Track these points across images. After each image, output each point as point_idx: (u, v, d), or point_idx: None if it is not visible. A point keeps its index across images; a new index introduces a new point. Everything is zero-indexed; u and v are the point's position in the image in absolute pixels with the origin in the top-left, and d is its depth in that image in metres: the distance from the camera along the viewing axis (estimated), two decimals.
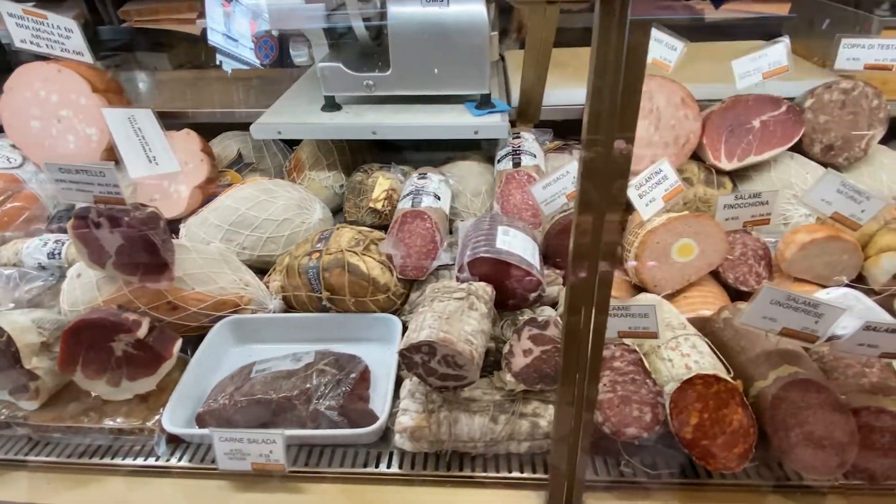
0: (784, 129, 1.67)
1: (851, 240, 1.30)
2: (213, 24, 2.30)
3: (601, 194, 0.72)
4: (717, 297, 1.33)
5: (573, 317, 0.81)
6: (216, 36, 2.35)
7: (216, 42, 2.36)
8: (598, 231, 0.74)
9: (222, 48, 2.38)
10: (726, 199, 1.39)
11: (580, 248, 0.76)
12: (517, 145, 1.76)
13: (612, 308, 1.00)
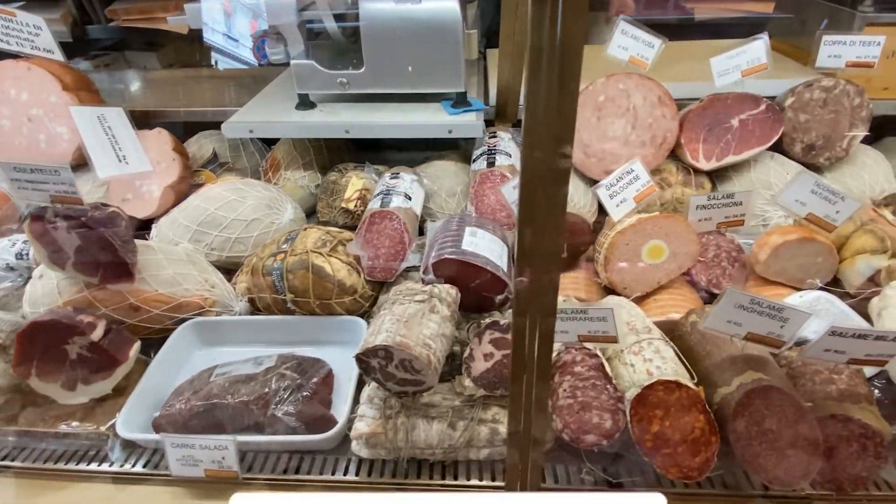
0: (763, 128, 1.63)
1: (826, 242, 1.27)
2: (213, 24, 2.28)
3: (541, 200, 0.69)
4: (687, 300, 1.30)
5: (519, 320, 0.78)
6: (216, 36, 2.33)
7: (216, 42, 2.34)
8: (539, 236, 0.71)
9: (222, 48, 2.35)
10: (699, 199, 1.36)
11: (523, 252, 0.73)
12: (493, 145, 1.73)
13: (572, 311, 0.98)
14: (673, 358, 1.05)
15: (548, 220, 0.70)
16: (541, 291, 0.74)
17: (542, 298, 0.75)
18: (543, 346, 0.79)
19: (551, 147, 0.66)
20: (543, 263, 0.73)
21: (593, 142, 1.68)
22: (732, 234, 1.45)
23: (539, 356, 0.80)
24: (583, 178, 1.73)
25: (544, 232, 0.72)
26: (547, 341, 0.78)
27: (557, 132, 0.65)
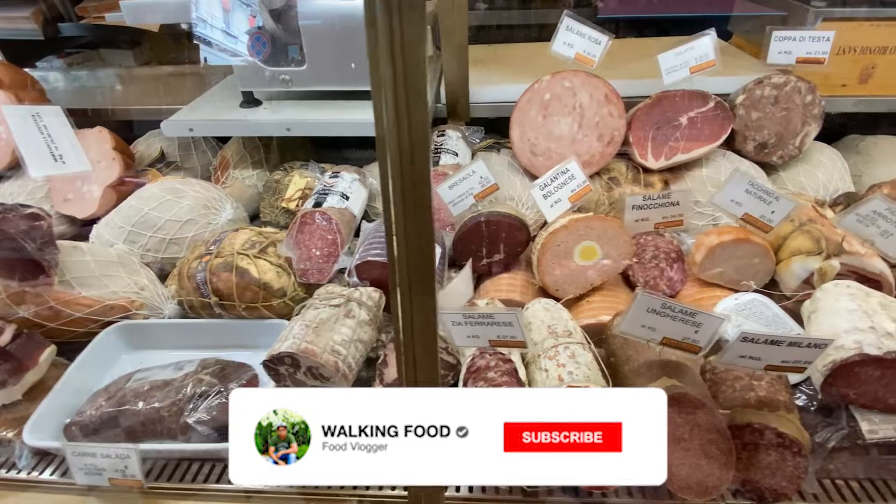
0: (712, 126, 1.60)
1: (761, 243, 1.23)
2: (211, 20, 2.23)
3: (403, 207, 0.65)
4: (621, 302, 1.27)
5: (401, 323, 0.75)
6: (214, 32, 2.28)
7: (214, 38, 2.29)
8: (411, 240, 0.68)
9: (221, 44, 2.30)
10: (634, 199, 1.33)
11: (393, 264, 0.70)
12: (439, 143, 1.70)
13: (479, 316, 0.94)
14: (589, 363, 1.01)
15: (411, 224, 0.66)
16: (414, 297, 0.71)
17: (413, 305, 0.71)
18: (422, 351, 0.75)
19: (406, 149, 0.62)
20: (416, 269, 0.70)
21: (540, 140, 1.64)
22: (673, 235, 1.42)
23: (417, 362, 0.76)
24: (532, 177, 1.69)
25: (415, 236, 0.68)
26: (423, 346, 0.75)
27: (410, 139, 0.61)
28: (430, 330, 0.74)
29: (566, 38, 1.58)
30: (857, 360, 0.90)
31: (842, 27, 1.67)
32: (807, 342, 0.88)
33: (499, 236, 1.38)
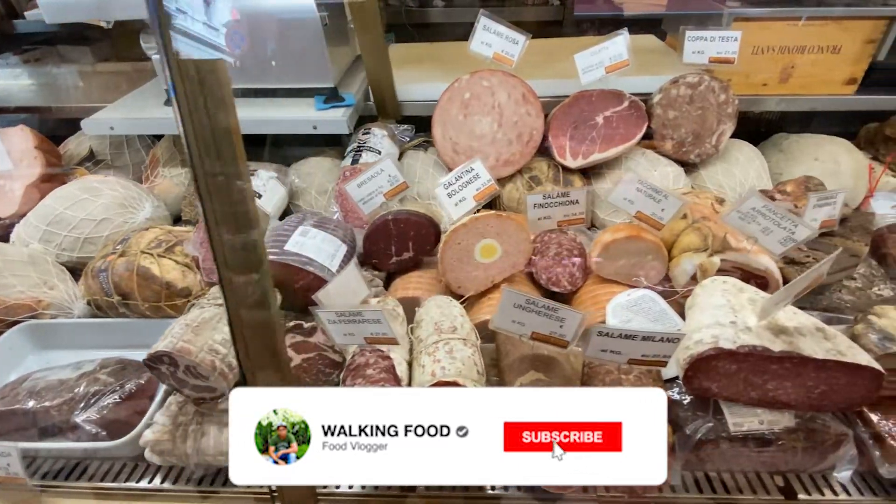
0: (627, 125, 1.62)
1: (653, 240, 1.26)
2: (191, 13, 2.21)
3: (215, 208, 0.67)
4: None
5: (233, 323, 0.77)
6: (196, 25, 2.25)
7: (195, 31, 2.26)
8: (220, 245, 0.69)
9: (203, 38, 2.27)
10: (535, 198, 1.35)
11: (216, 264, 0.71)
12: (363, 141, 1.71)
13: (350, 314, 0.96)
14: (466, 359, 1.03)
15: (223, 229, 0.68)
16: (239, 282, 0.72)
17: (243, 290, 0.72)
18: (261, 348, 0.77)
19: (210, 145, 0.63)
20: (235, 261, 0.71)
21: (461, 139, 1.66)
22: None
23: (252, 352, 0.77)
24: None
25: (221, 238, 0.69)
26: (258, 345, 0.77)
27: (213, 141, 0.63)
28: (257, 318, 0.75)
29: (483, 37, 1.59)
30: (713, 355, 0.93)
31: (755, 27, 1.70)
32: (659, 337, 0.91)
33: (407, 234, 1.39)
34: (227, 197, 0.66)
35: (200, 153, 0.62)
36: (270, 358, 0.78)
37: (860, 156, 1.78)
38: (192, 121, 0.60)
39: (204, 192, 0.65)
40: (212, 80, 0.60)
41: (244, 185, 0.65)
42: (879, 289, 1.42)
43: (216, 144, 0.63)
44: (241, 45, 1.58)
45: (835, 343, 0.95)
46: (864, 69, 1.78)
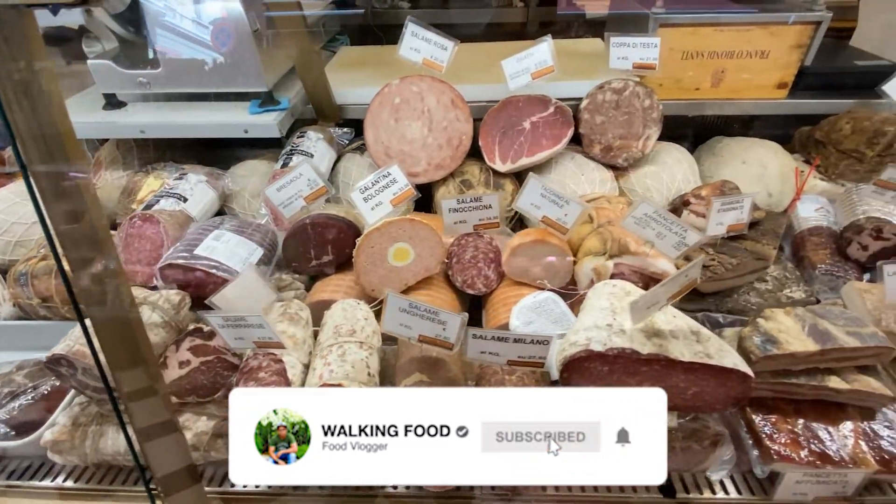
0: (553, 129, 1.65)
1: (558, 243, 1.29)
2: (180, 9, 2.21)
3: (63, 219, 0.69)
4: (442, 302, 1.32)
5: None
6: (184, 22, 2.25)
7: (184, 28, 2.26)
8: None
9: (191, 35, 2.26)
10: (450, 202, 1.37)
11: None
12: (296, 144, 1.73)
13: (234, 318, 0.98)
14: (358, 362, 1.06)
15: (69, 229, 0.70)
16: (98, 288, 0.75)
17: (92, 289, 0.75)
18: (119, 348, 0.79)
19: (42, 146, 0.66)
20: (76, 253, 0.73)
21: (393, 143, 1.68)
22: None
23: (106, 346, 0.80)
24: None
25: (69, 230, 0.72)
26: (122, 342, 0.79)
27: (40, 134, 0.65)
28: (111, 316, 0.78)
29: (412, 43, 1.62)
30: (584, 356, 0.96)
31: (684, 32, 1.73)
32: (529, 339, 0.94)
33: (326, 238, 1.42)
34: (59, 192, 0.68)
35: (27, 150, 0.65)
36: (131, 358, 0.80)
37: (788, 159, 1.81)
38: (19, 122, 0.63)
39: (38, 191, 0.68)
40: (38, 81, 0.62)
41: (77, 181, 0.68)
42: (791, 291, 1.45)
43: (46, 143, 0.65)
44: (227, 43, 1.60)
45: (705, 346, 0.98)
46: (793, 74, 1.82)
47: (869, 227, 1.46)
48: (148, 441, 0.93)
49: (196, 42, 1.63)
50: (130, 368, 0.80)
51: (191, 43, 1.63)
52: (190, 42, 1.62)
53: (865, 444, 1.02)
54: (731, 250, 1.39)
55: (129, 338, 0.78)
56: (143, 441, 0.92)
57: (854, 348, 1.06)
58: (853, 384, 1.05)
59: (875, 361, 1.10)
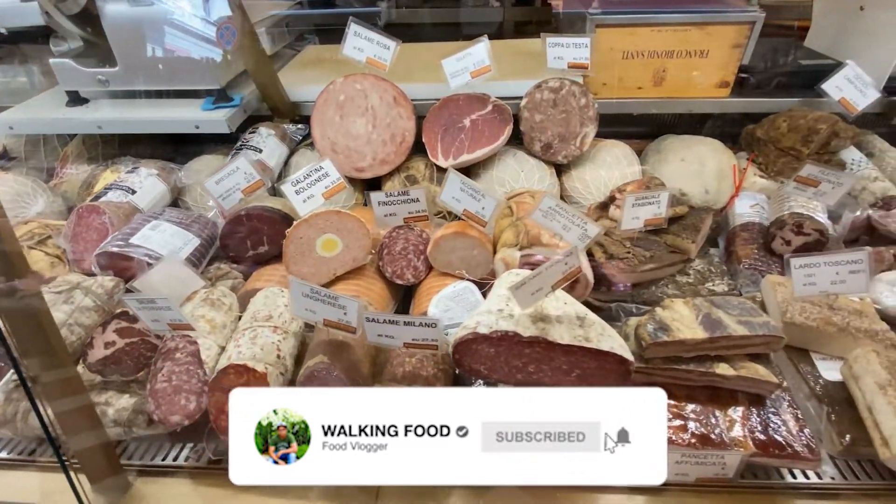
0: (491, 127, 1.70)
1: (477, 236, 1.34)
2: (191, 9, 2.29)
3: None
4: (371, 292, 1.38)
5: None
6: (194, 21, 2.34)
7: (192, 26, 2.35)
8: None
9: (200, 33, 2.34)
10: (378, 196, 1.43)
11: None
12: (246, 140, 1.80)
13: (147, 301, 1.05)
14: (268, 345, 1.12)
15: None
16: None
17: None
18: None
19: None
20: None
21: (339, 139, 1.75)
22: None
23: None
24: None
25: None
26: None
27: None
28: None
29: (355, 42, 1.68)
30: (471, 339, 1.01)
31: (623, 32, 1.78)
32: (418, 322, 1.00)
33: (261, 229, 1.48)
34: None
35: None
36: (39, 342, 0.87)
37: (727, 157, 1.85)
38: None
39: None
40: None
41: None
42: (714, 284, 1.49)
43: None
44: (231, 40, 1.67)
45: (587, 331, 1.03)
46: (734, 73, 1.86)
47: (791, 223, 1.50)
48: (63, 417, 1.00)
49: (151, 42, 1.70)
50: (39, 352, 0.87)
51: (146, 43, 1.70)
52: (145, 42, 1.70)
53: (747, 429, 1.07)
54: (649, 244, 1.43)
55: (34, 323, 0.85)
56: (58, 417, 0.99)
57: (742, 336, 1.11)
58: (740, 371, 1.10)
59: (766, 350, 1.14)
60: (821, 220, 1.51)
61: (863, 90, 1.77)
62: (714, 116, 2.11)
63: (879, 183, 1.70)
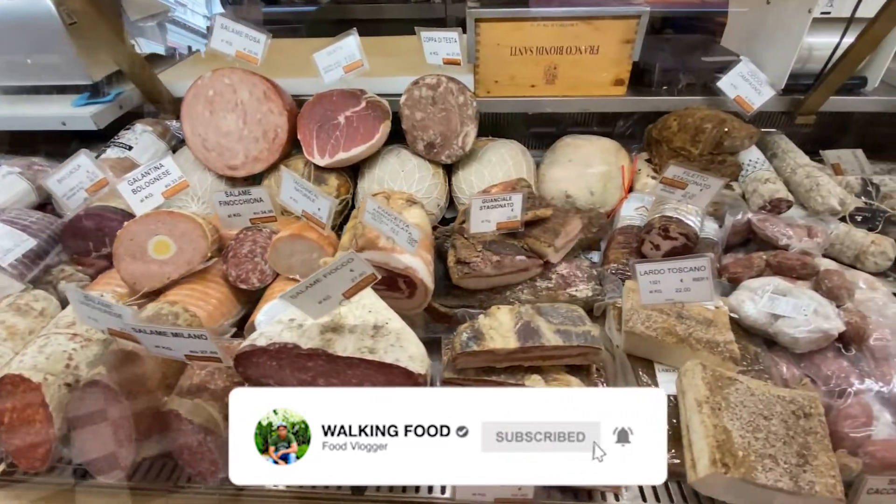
0: (366, 125, 1.64)
1: (315, 238, 1.28)
2: (191, 5, 2.24)
3: None
4: (196, 296, 1.31)
5: None
6: (196, 18, 2.29)
7: (196, 24, 2.30)
8: None
9: (201, 30, 2.29)
10: (219, 196, 1.36)
11: None
12: (118, 137, 1.74)
13: None
14: (58, 353, 1.05)
15: None
16: None
17: None
18: None
19: None
20: None
21: (210, 135, 1.68)
22: None
23: None
24: (209, 170, 1.72)
25: None
26: None
27: None
28: None
29: (223, 35, 1.61)
30: (249, 351, 0.95)
31: (508, 28, 1.70)
32: (187, 333, 0.93)
33: (103, 230, 1.42)
34: None
35: None
36: None
37: (615, 158, 1.78)
38: None
39: None
40: None
41: None
42: (577, 289, 1.42)
43: None
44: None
45: (377, 342, 0.96)
46: (628, 70, 1.79)
47: (657, 227, 1.44)
48: None
49: (11, 38, 1.63)
50: None
51: (7, 38, 1.64)
52: (6, 37, 1.63)
53: None
54: (503, 247, 1.36)
55: None
56: None
57: (556, 346, 1.04)
58: (551, 384, 1.03)
59: (583, 361, 1.07)
60: (690, 223, 1.45)
61: (758, 88, 1.71)
62: (625, 115, 2.05)
63: (770, 185, 1.64)
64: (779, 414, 0.97)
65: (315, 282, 0.92)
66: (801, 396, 0.99)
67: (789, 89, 1.80)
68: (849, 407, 1.06)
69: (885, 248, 1.53)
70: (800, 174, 1.70)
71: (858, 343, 1.17)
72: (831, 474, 0.90)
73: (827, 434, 0.95)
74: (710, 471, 0.90)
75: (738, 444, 0.93)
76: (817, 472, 0.90)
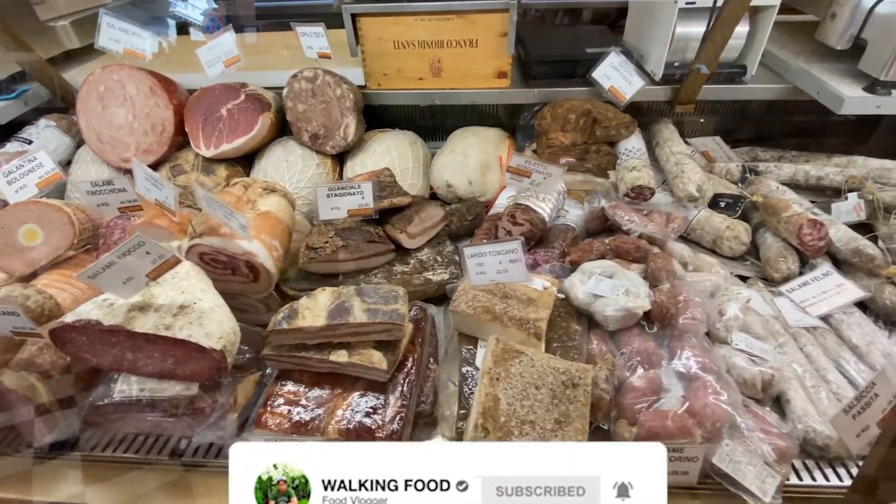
0: (246, 117, 1.71)
1: (164, 225, 1.36)
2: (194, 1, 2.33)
3: None
4: (63, 282, 1.40)
5: None
6: (195, 13, 2.37)
7: (192, 17, 2.37)
8: None
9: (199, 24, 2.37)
10: (85, 186, 1.44)
11: None
12: (20, 132, 1.82)
13: None
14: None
15: None
16: None
17: None
18: None
19: None
20: None
21: (104, 129, 1.76)
22: None
23: None
24: (105, 164, 1.81)
25: None
26: None
27: None
28: None
29: (110, 34, 1.69)
30: (58, 327, 1.03)
31: (388, 22, 1.76)
32: (1, 311, 1.02)
33: None
34: None
35: None
36: None
37: (495, 149, 1.84)
38: None
39: None
40: None
41: None
42: (434, 273, 1.50)
43: None
44: (216, 30, 1.71)
45: (178, 319, 1.04)
46: (509, 63, 1.84)
47: (506, 213, 1.51)
48: None
49: None
50: None
51: None
52: None
53: (341, 413, 1.08)
54: (353, 234, 1.44)
55: None
56: None
57: (361, 324, 1.12)
58: (353, 358, 1.11)
59: (388, 336, 1.14)
60: (539, 210, 1.52)
61: (628, 78, 1.76)
62: (524, 107, 2.10)
63: (634, 173, 1.69)
64: (549, 384, 1.04)
65: (110, 263, 1.00)
66: (574, 368, 1.07)
67: (668, 80, 1.85)
68: (635, 380, 1.13)
69: (739, 233, 1.59)
70: (671, 162, 1.76)
71: (661, 321, 1.23)
72: (579, 438, 0.97)
73: (588, 402, 1.02)
74: (472, 435, 0.98)
75: (502, 411, 1.00)
76: (566, 436, 0.97)
